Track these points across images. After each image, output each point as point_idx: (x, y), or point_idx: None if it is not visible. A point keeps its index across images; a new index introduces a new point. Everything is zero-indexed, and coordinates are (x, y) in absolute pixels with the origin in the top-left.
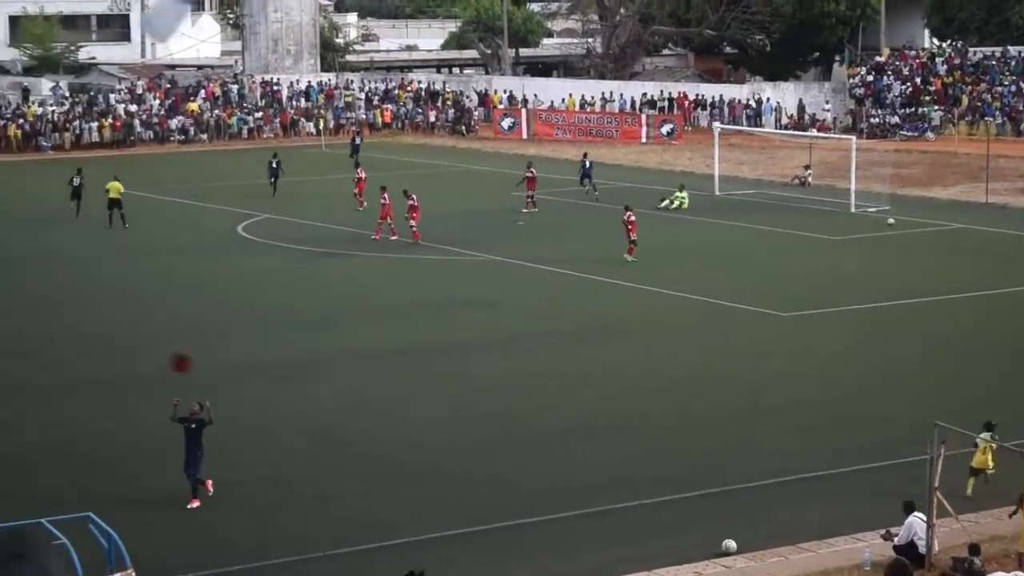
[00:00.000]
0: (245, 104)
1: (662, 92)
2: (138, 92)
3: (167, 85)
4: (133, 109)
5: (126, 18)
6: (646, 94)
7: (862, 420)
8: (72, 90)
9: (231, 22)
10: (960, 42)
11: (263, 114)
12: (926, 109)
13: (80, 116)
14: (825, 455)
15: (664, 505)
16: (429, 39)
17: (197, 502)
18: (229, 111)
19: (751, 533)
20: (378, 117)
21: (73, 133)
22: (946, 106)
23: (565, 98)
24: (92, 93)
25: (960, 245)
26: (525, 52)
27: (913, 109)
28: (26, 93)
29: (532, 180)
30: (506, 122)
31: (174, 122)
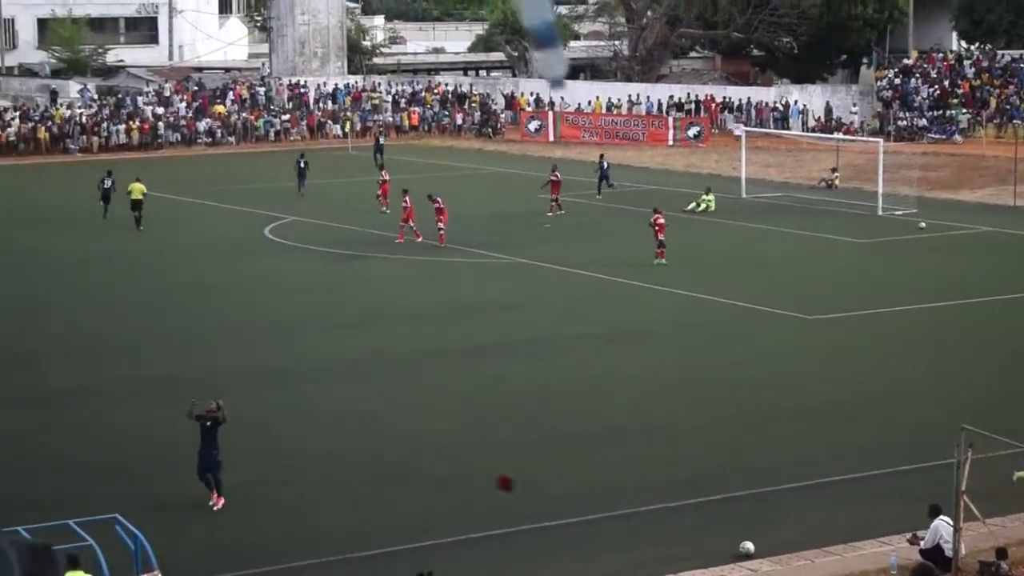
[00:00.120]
0: (272, 107)
1: (689, 95)
2: (166, 95)
3: (194, 88)
4: (160, 112)
5: (154, 20)
6: (673, 96)
7: (889, 423)
8: (100, 92)
9: (258, 25)
10: (988, 45)
11: (290, 116)
12: (954, 112)
13: (107, 119)
14: (852, 458)
15: (689, 508)
16: (456, 42)
17: (221, 500)
18: (256, 113)
19: (777, 536)
20: (405, 120)
21: (101, 136)
22: (974, 109)
23: (592, 100)
24: (120, 96)
25: (988, 248)
26: None
27: (941, 112)
28: (54, 96)
29: (556, 183)
30: (533, 125)
31: (201, 124)
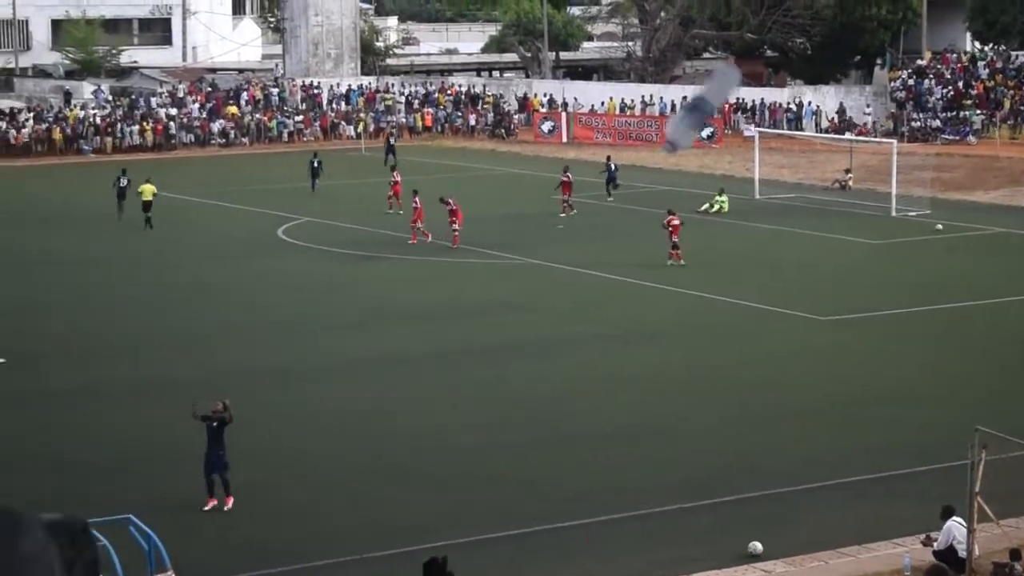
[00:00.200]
0: (285, 108)
1: None
2: (179, 96)
3: (208, 89)
4: (173, 112)
5: (168, 22)
6: (686, 97)
7: (902, 424)
8: (114, 93)
9: (272, 26)
10: (1002, 45)
11: (303, 118)
12: (967, 113)
13: (121, 119)
14: (865, 459)
15: (703, 509)
16: (469, 43)
17: (231, 500)
18: (269, 115)
19: (790, 537)
20: (418, 121)
21: (115, 136)
22: (988, 110)
23: (605, 102)
24: (133, 97)
25: (1002, 249)
26: (565, 56)
27: (954, 113)
28: (68, 97)
29: (568, 184)
30: (546, 126)
31: (215, 125)
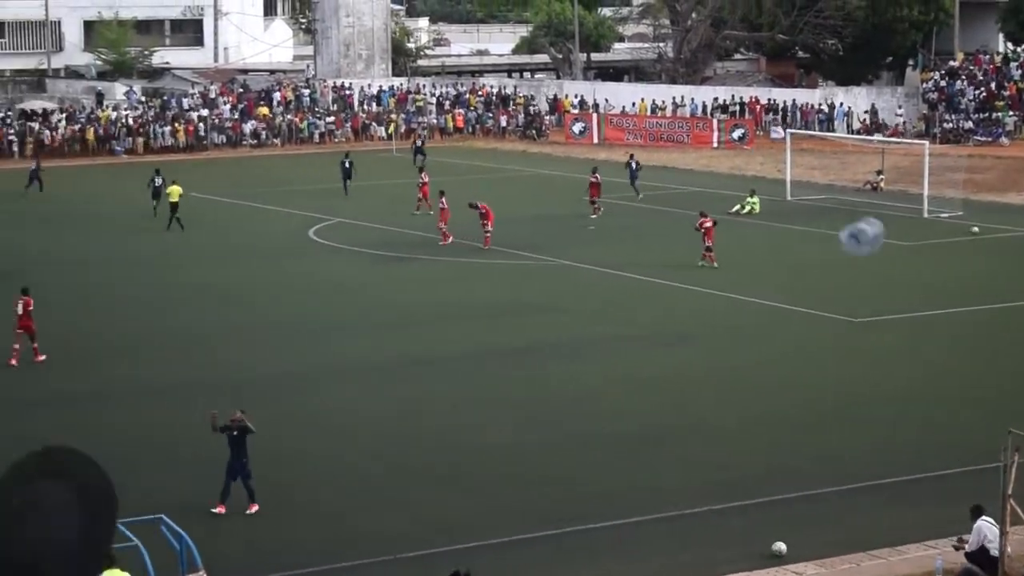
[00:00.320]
0: (317, 109)
1: (733, 97)
2: (211, 96)
3: (240, 90)
4: (205, 113)
5: (199, 23)
6: (717, 99)
7: (935, 426)
8: (146, 94)
9: (303, 27)
10: None
11: (335, 118)
12: (1000, 114)
13: (153, 120)
14: (897, 461)
15: (734, 510)
16: (500, 44)
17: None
18: (301, 115)
19: (821, 539)
20: (449, 122)
21: (150, 137)
22: (1020, 111)
23: (636, 102)
24: (165, 97)
25: None
26: (596, 56)
27: (987, 114)
28: (100, 98)
29: (596, 186)
30: (577, 126)
31: (247, 126)
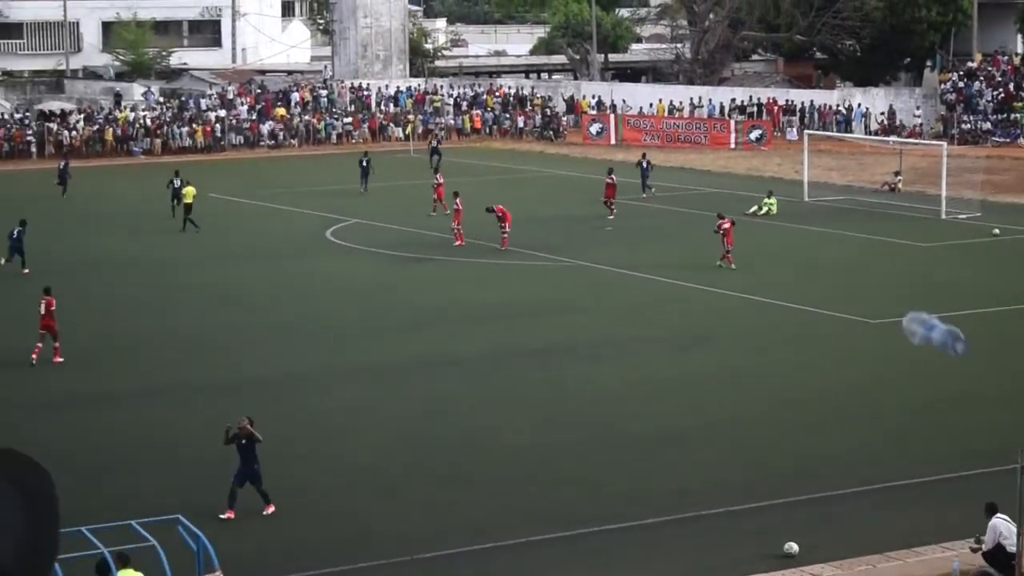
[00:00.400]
0: (334, 109)
1: (751, 98)
2: (229, 97)
3: (257, 90)
4: (223, 114)
5: (217, 23)
6: (735, 100)
7: (951, 428)
8: (163, 95)
9: (321, 28)
10: None
11: (352, 119)
12: (1018, 115)
13: (170, 121)
14: (914, 463)
15: (752, 512)
16: (518, 44)
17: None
18: (318, 116)
19: (839, 541)
20: (466, 122)
21: (169, 139)
22: None
23: (654, 103)
24: (183, 98)
25: None
26: (614, 57)
27: (1005, 115)
28: (118, 98)
29: (612, 187)
30: (594, 127)
31: (264, 127)
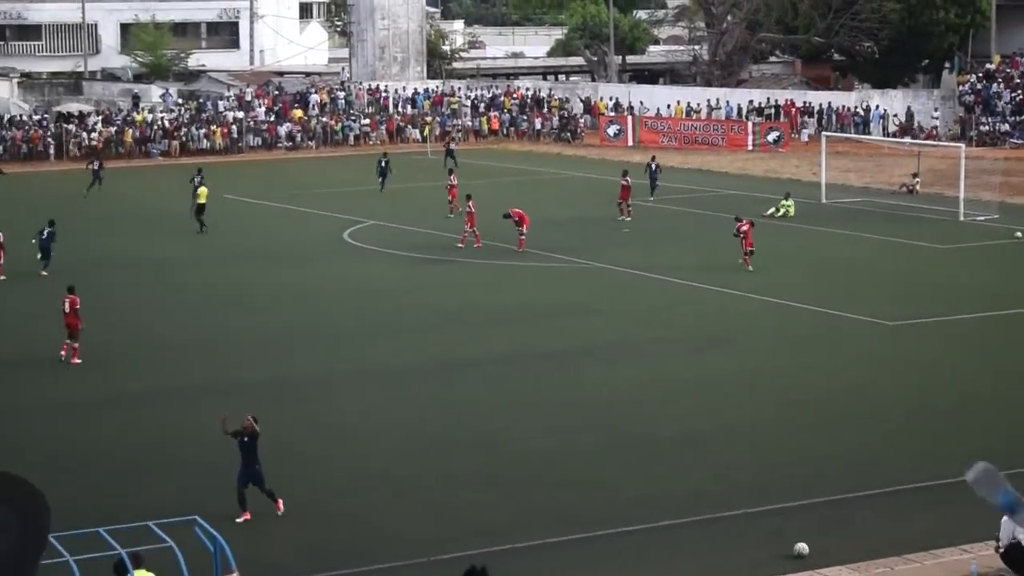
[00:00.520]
0: (352, 111)
1: (769, 99)
2: (246, 99)
3: (275, 92)
4: (240, 116)
5: (235, 25)
6: (752, 101)
7: (970, 429)
8: (181, 97)
9: (339, 29)
10: None
11: (369, 121)
12: None
13: (188, 123)
14: (932, 465)
15: (768, 514)
16: (535, 46)
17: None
18: (336, 118)
19: (856, 543)
20: (484, 124)
21: (189, 140)
22: None
23: (671, 105)
24: (201, 100)
25: None
26: (631, 59)
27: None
28: (136, 100)
29: (627, 189)
30: (612, 129)
31: (282, 129)
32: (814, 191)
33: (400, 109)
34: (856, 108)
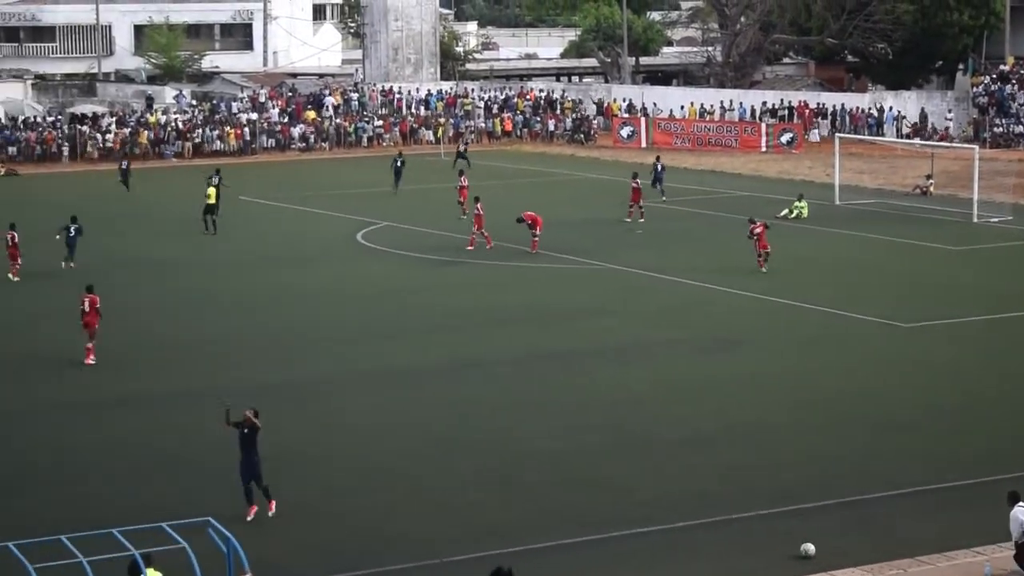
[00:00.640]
0: (365, 112)
1: (782, 101)
2: (260, 100)
3: (288, 94)
4: (254, 117)
5: (249, 27)
6: (766, 103)
7: (983, 431)
8: (195, 98)
9: (352, 31)
10: None
11: (383, 122)
12: None
13: (202, 124)
14: (946, 467)
15: (781, 516)
16: (548, 48)
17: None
18: (349, 119)
19: (869, 545)
20: (497, 125)
21: (203, 141)
22: None
23: (685, 107)
24: (214, 101)
25: None
26: (645, 60)
27: None
28: (150, 101)
29: (637, 191)
30: (625, 131)
31: (295, 130)
32: (828, 193)
33: (413, 111)
34: (869, 109)
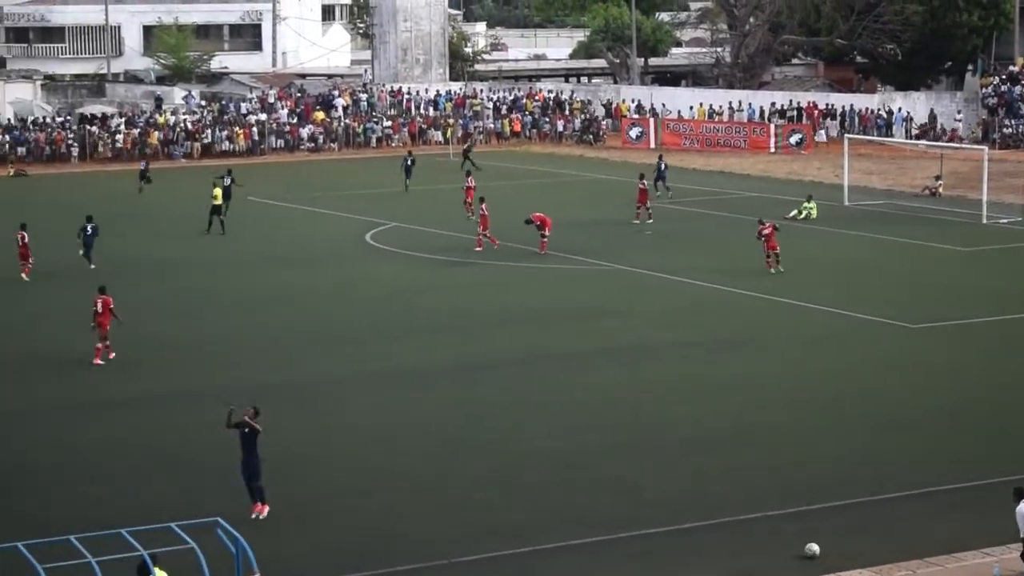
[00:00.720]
0: (374, 113)
1: (791, 102)
2: (269, 101)
3: (297, 94)
4: (263, 118)
5: (258, 28)
6: (775, 104)
7: (991, 433)
8: (204, 99)
9: (361, 31)
10: None
11: (392, 123)
12: None
13: (211, 125)
14: (954, 468)
15: (790, 517)
16: (557, 48)
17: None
18: (358, 120)
19: (878, 547)
20: (506, 126)
21: (213, 142)
22: None
23: (694, 107)
24: (223, 102)
25: None
26: (654, 61)
27: None
28: (159, 102)
29: (644, 192)
30: (634, 131)
31: (304, 131)
32: (837, 193)
33: (422, 111)
34: (879, 110)
